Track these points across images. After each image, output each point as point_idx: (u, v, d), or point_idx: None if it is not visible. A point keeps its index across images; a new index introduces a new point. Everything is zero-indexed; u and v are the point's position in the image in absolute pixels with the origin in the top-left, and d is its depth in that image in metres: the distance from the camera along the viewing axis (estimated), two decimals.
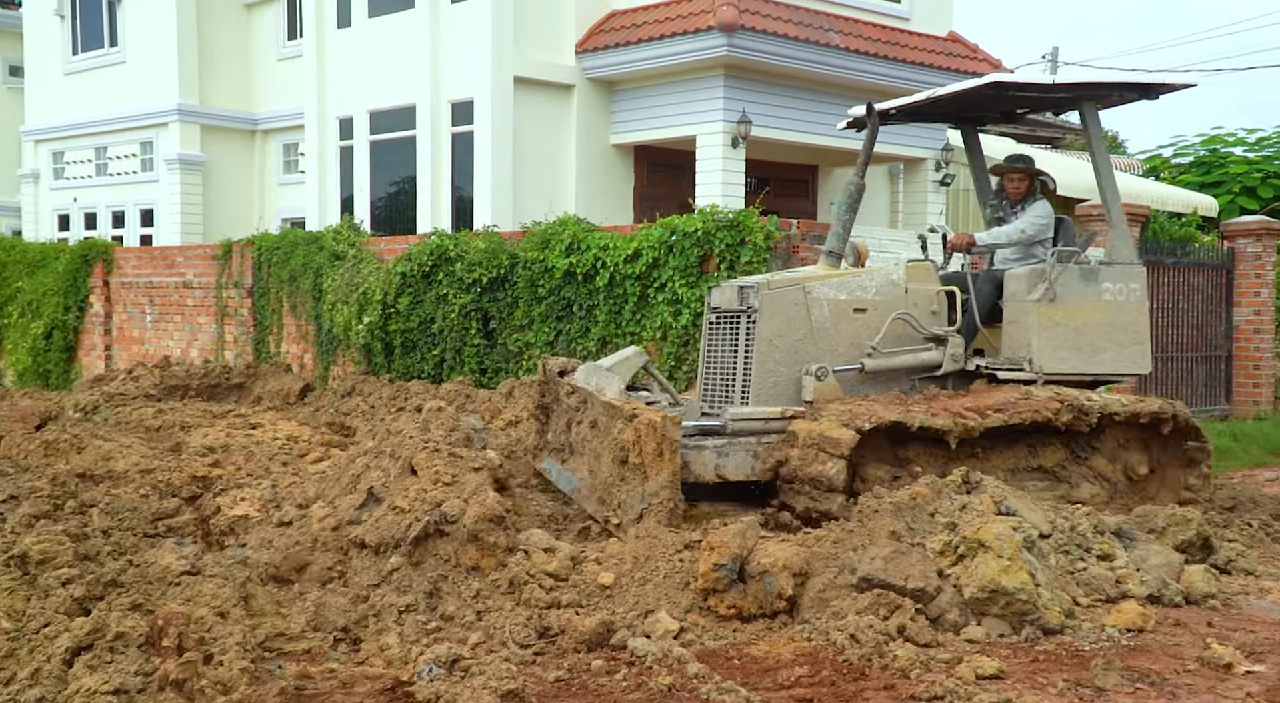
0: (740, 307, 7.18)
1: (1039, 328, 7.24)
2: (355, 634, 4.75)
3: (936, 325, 7.36)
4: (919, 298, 7.37)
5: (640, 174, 15.34)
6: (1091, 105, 7.57)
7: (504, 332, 11.56)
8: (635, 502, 5.89)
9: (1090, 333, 7.34)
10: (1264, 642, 4.74)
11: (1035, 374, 7.23)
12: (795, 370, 7.03)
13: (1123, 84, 7.64)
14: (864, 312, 7.24)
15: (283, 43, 18.80)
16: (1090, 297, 7.36)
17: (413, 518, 5.23)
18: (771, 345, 7.04)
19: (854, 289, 7.26)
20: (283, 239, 14.33)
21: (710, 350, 7.45)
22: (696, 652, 4.54)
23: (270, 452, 8.56)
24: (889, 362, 7.22)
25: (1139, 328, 7.47)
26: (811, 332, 7.10)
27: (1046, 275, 7.29)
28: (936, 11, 15.86)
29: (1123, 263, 7.51)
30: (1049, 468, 7.01)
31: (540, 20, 14.41)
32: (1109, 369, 7.46)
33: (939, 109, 8.39)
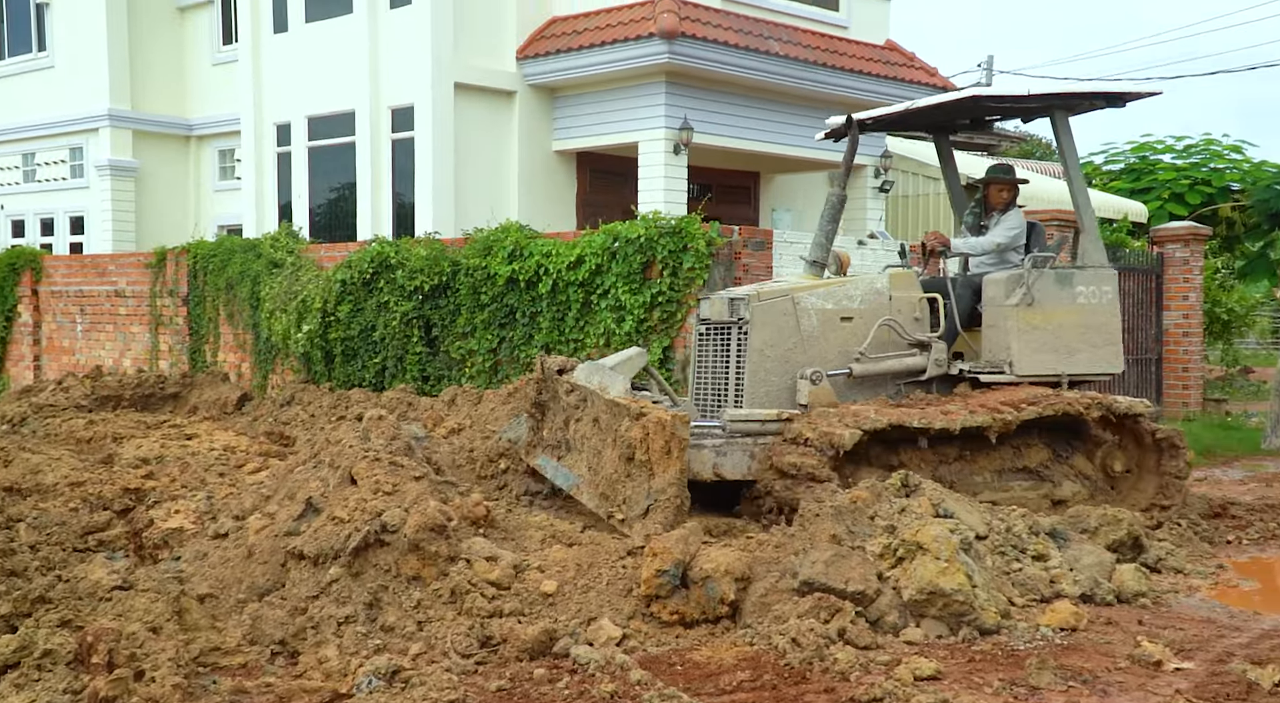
0: (731, 318, 7.37)
1: (1018, 331, 7.45)
2: (293, 647, 4.68)
3: (919, 331, 7.57)
4: (902, 305, 7.59)
5: (583, 180, 15.34)
6: (1063, 114, 7.78)
7: (446, 339, 11.48)
8: (641, 498, 5.98)
9: (1066, 335, 7.56)
10: (1192, 639, 4.86)
11: (1015, 376, 7.43)
12: (786, 378, 7.25)
13: (1092, 93, 7.85)
14: (850, 320, 7.46)
15: (217, 47, 18.52)
16: (1065, 300, 7.58)
17: (352, 528, 5.17)
18: (763, 355, 7.25)
19: (840, 298, 7.49)
20: (219, 246, 14.11)
21: (701, 360, 7.64)
22: (639, 659, 4.54)
23: (206, 463, 8.42)
24: (876, 366, 7.42)
25: (1112, 329, 7.72)
26: (801, 340, 7.33)
27: (1024, 280, 7.50)
28: (874, 20, 16.06)
29: (1094, 266, 7.73)
30: (1033, 468, 7.22)
31: (481, 26, 14.35)
32: (1084, 370, 7.67)
33: (917, 119, 8.61)
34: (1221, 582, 6.09)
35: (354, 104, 14.84)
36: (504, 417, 9.68)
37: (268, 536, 5.41)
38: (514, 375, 10.91)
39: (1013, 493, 7.09)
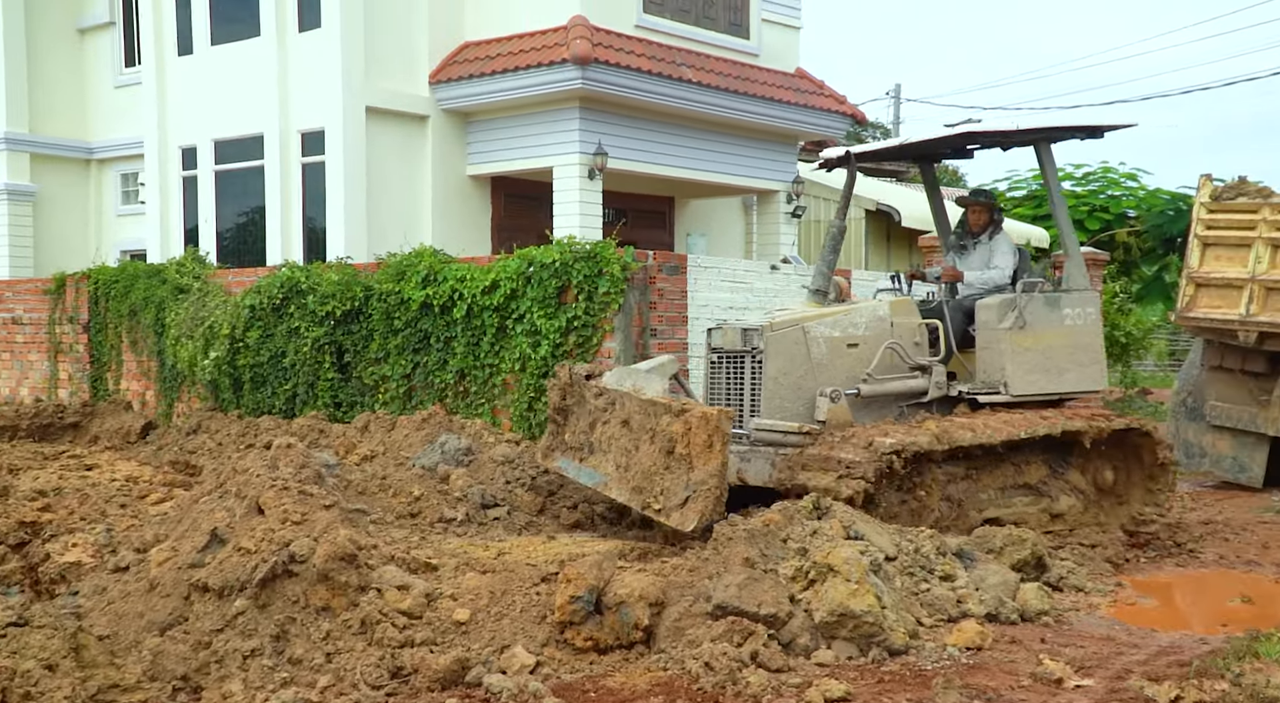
0: (745, 347, 7.69)
1: (1011, 353, 7.76)
2: (196, 683, 4.55)
3: (920, 355, 7.88)
4: (903, 331, 7.90)
5: (498, 205, 15.31)
6: (1046, 146, 8.13)
7: (359, 365, 11.33)
8: (680, 489, 6.46)
9: (1056, 355, 7.90)
10: (1092, 656, 4.99)
11: (1010, 396, 7.74)
12: (798, 403, 7.57)
13: (1073, 127, 8.16)
14: (856, 346, 7.78)
15: (120, 69, 18.10)
16: (1054, 322, 7.91)
17: (259, 559, 5.06)
18: (778, 382, 7.57)
19: (846, 326, 7.81)
20: (121, 272, 13.76)
21: (714, 387, 7.96)
22: (553, 686, 4.52)
23: (107, 494, 8.17)
24: (882, 388, 7.73)
25: (1095, 348, 8.09)
26: (812, 367, 7.64)
27: (1016, 304, 7.80)
28: (783, 49, 16.36)
29: (1079, 289, 8.06)
30: (1033, 484, 7.53)
31: (392, 50, 14.27)
32: (1072, 387, 8.02)
33: (911, 152, 9.05)
34: (1121, 600, 6.27)
35: (263, 127, 14.62)
36: (418, 443, 9.57)
37: (170, 568, 5.26)
38: (428, 401, 10.81)
39: (1015, 508, 7.43)
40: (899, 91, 34.52)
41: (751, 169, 15.98)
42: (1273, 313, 9.82)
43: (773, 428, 7.33)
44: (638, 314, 9.90)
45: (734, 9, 15.56)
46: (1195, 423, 10.70)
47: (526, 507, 8.28)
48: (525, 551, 6.77)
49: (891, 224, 18.44)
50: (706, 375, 8.04)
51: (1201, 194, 10.50)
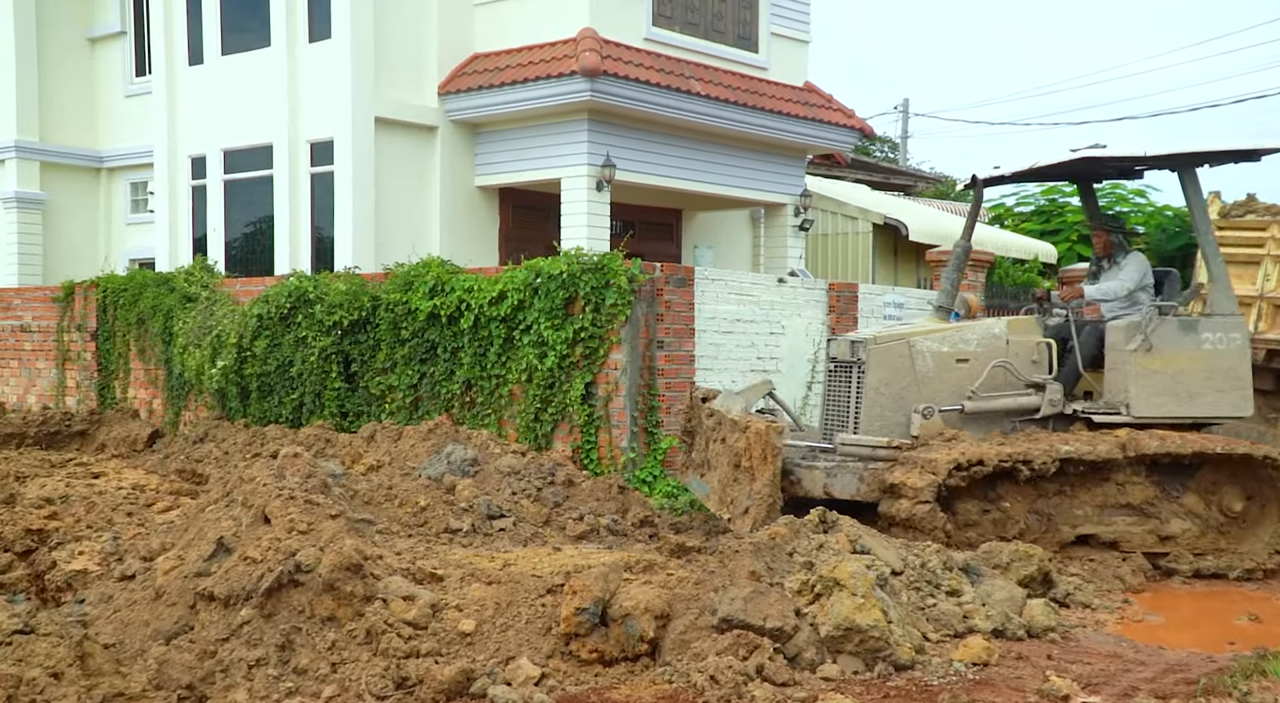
0: (852, 358, 8.03)
1: (1136, 375, 7.80)
2: (201, 692, 4.55)
3: (1036, 373, 8.00)
4: (1020, 349, 8.08)
5: (505, 216, 15.34)
6: (1191, 171, 8.10)
7: (366, 375, 11.35)
8: (744, 499, 6.96)
9: (1188, 379, 7.85)
10: (1099, 673, 4.97)
11: (1132, 418, 7.75)
12: (900, 414, 7.85)
13: (1227, 152, 8.05)
14: (966, 361, 7.98)
15: (130, 79, 18.18)
16: (1188, 346, 7.90)
17: (265, 568, 5.06)
18: (879, 392, 7.87)
19: (956, 342, 8.04)
20: (130, 280, 13.81)
21: (829, 396, 8.30)
22: (557, 698, 4.51)
23: (114, 502, 8.18)
24: (988, 404, 7.91)
25: (1240, 374, 7.98)
26: (916, 380, 7.91)
27: (1143, 327, 7.84)
28: (792, 62, 16.40)
29: (1223, 314, 8.05)
30: (1137, 505, 7.51)
31: (401, 61, 14.33)
32: (1208, 413, 7.96)
33: (1038, 175, 9.28)
34: (1127, 616, 6.25)
35: (272, 137, 14.68)
36: (424, 453, 9.59)
37: (177, 576, 5.27)
38: (434, 411, 10.82)
39: (1115, 528, 7.44)
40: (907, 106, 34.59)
41: (759, 182, 15.99)
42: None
43: (860, 443, 7.63)
44: (645, 326, 9.91)
45: (743, 23, 15.60)
46: None
47: (532, 518, 8.28)
48: (531, 562, 6.77)
49: (899, 238, 18.44)
50: (825, 384, 8.47)
51: (1210, 211, 10.49)
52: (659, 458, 9.84)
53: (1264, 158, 8.06)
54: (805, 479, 7.45)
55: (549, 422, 10.15)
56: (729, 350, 10.67)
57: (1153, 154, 7.89)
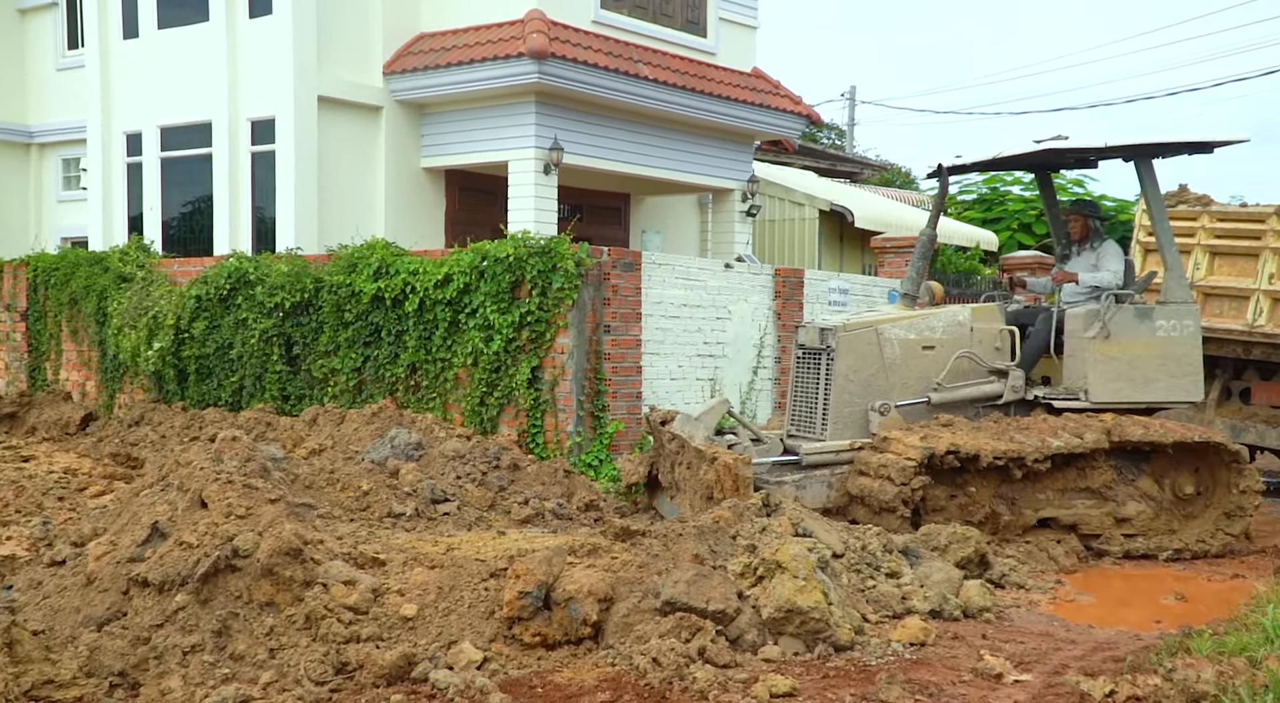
0: (821, 345, 8.05)
1: (1094, 362, 7.94)
2: (134, 679, 4.48)
3: (999, 360, 8.12)
4: (983, 336, 8.20)
5: (452, 198, 15.20)
6: (1148, 162, 8.24)
7: (308, 357, 11.21)
8: None
9: (1143, 365, 8.01)
10: (1032, 652, 5.07)
11: (1090, 403, 7.89)
12: (869, 401, 7.91)
13: (1181, 143, 8.19)
14: (932, 348, 8.09)
15: (62, 52, 17.70)
16: (1144, 333, 8.04)
17: (201, 553, 4.99)
18: (847, 380, 7.92)
19: (923, 329, 8.13)
20: (62, 259, 13.50)
21: (797, 383, 8.34)
22: (500, 682, 4.50)
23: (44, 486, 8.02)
24: (953, 395, 8.03)
25: (1192, 360, 8.16)
26: (884, 367, 7.98)
27: (1101, 315, 7.97)
28: (740, 48, 16.41)
29: (1177, 302, 8.18)
30: (1096, 488, 7.64)
31: (345, 39, 14.11)
32: (1162, 398, 8.12)
33: (1001, 165, 9.33)
34: (1060, 596, 6.38)
35: (211, 115, 14.40)
36: (367, 437, 9.50)
37: (109, 562, 5.17)
38: (378, 395, 10.73)
39: (1075, 511, 7.56)
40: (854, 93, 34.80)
41: (707, 167, 16.02)
42: (1210, 318, 10.04)
43: (824, 450, 7.72)
44: (592, 310, 9.89)
45: (691, 7, 15.58)
46: None
47: (477, 502, 8.25)
48: (475, 546, 6.75)
49: (845, 224, 18.58)
50: (792, 373, 8.46)
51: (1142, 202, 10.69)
52: (605, 442, 9.84)
53: (1216, 150, 8.23)
54: (776, 496, 7.36)
55: (495, 406, 10.11)
56: (676, 335, 10.69)
57: (1113, 145, 8.01)
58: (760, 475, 7.58)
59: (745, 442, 8.01)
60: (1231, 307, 10.02)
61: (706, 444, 7.44)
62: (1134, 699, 4.28)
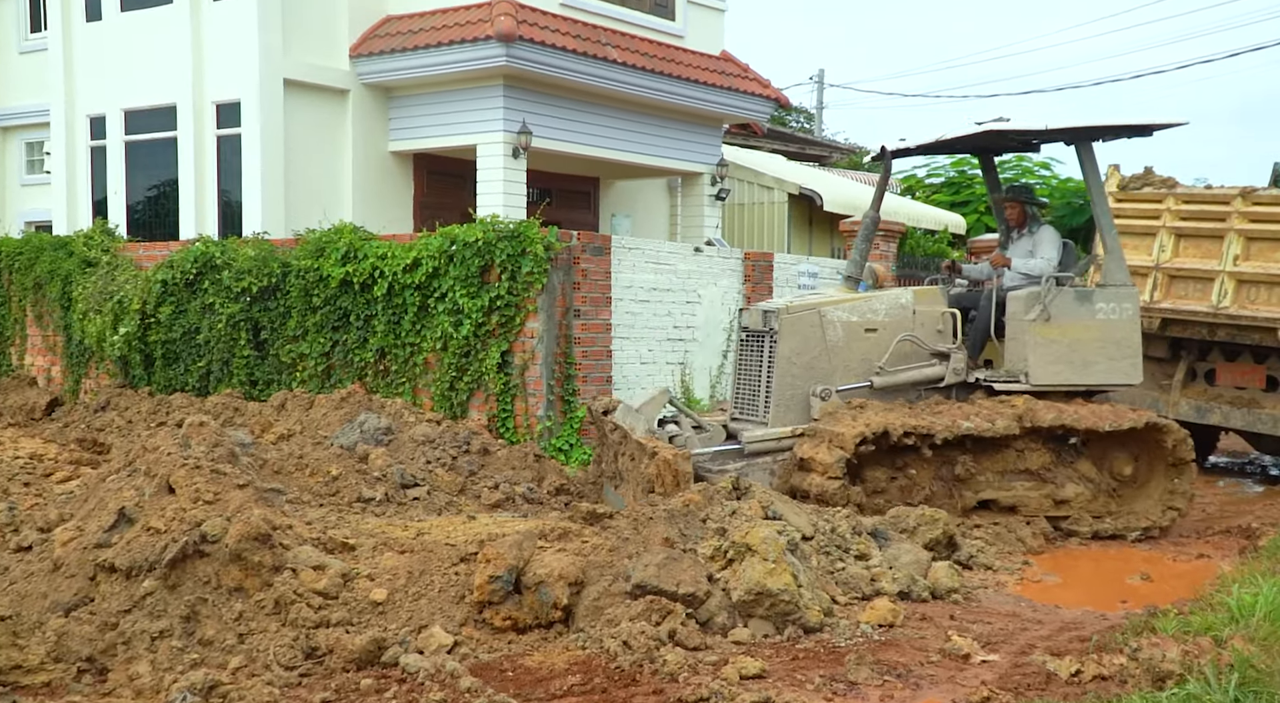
0: (764, 327, 8.00)
1: (1034, 344, 7.96)
2: (102, 664, 4.45)
3: (941, 342, 8.12)
4: (926, 318, 8.20)
5: (420, 182, 15.10)
6: (1088, 145, 8.25)
7: (276, 342, 11.13)
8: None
9: (1083, 348, 8.04)
10: (999, 632, 5.13)
11: (1030, 386, 7.91)
12: (809, 384, 7.88)
13: (1122, 126, 8.19)
14: (875, 331, 8.07)
15: (25, 35, 17.41)
16: (1084, 316, 8.07)
17: (169, 539, 4.95)
18: (790, 362, 7.87)
19: (865, 312, 8.09)
20: (26, 244, 13.32)
21: (741, 366, 8.29)
22: (470, 666, 4.51)
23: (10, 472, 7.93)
24: (895, 379, 8.00)
25: (1132, 343, 8.19)
26: (826, 350, 7.94)
27: (1042, 298, 7.99)
28: (709, 31, 16.37)
29: (1117, 285, 8.21)
30: (1035, 470, 7.69)
31: (311, 22, 13.96)
32: (1101, 380, 8.14)
33: (944, 149, 9.26)
34: (1027, 577, 6.45)
35: (175, 98, 14.22)
36: (336, 422, 9.45)
37: (76, 547, 5.12)
38: (347, 380, 10.67)
39: (1014, 493, 7.61)
40: (822, 77, 34.86)
41: (676, 151, 16.00)
42: (1175, 300, 10.15)
43: (765, 438, 7.66)
44: (561, 295, 9.87)
45: None
46: None
47: (447, 486, 8.23)
48: (445, 530, 6.74)
49: (814, 208, 18.62)
50: (736, 355, 8.42)
51: (1109, 184, 10.78)
52: (575, 426, 9.84)
53: (1156, 133, 8.30)
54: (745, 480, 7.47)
55: (464, 390, 10.08)
56: (645, 319, 10.69)
57: (1053, 127, 8.05)
58: (702, 465, 7.50)
59: (687, 431, 7.88)
60: (1197, 288, 10.13)
61: (647, 437, 7.36)
62: (1099, 679, 4.34)
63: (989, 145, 8.98)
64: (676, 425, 7.97)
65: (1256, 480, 10.41)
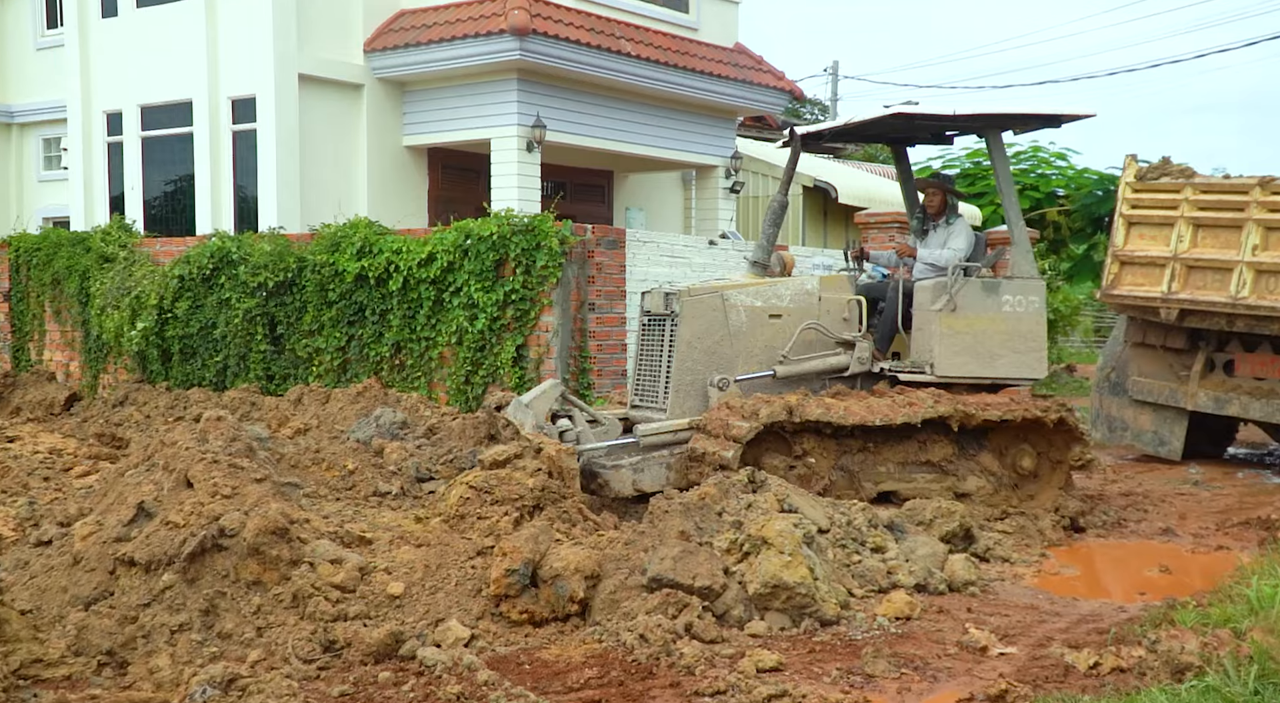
0: (665, 311, 7.73)
1: (940, 335, 7.81)
2: (122, 657, 4.48)
3: (846, 331, 7.94)
4: (831, 306, 7.99)
5: (434, 177, 15.13)
6: (997, 133, 8.13)
7: (292, 337, 11.17)
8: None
9: (989, 341, 7.92)
10: (1016, 625, 5.11)
11: (935, 377, 7.77)
12: (711, 370, 7.61)
13: (1030, 116, 8.07)
14: (779, 317, 7.84)
15: (41, 32, 17.51)
16: (990, 308, 7.93)
17: (188, 533, 4.98)
18: (691, 347, 7.61)
19: (770, 297, 7.86)
20: (44, 240, 13.40)
21: (641, 351, 8.00)
22: (487, 659, 4.52)
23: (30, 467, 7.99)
24: (799, 367, 7.78)
25: (1036, 336, 8.07)
26: (729, 335, 7.69)
27: (948, 288, 7.84)
28: (723, 23, 16.34)
29: (1023, 277, 8.09)
30: (936, 462, 7.54)
31: (326, 17, 13.99)
32: (1006, 374, 8.00)
33: (853, 133, 8.89)
34: (1045, 570, 6.43)
35: (191, 93, 14.27)
36: (352, 416, 9.48)
37: (95, 542, 5.16)
38: (363, 374, 10.70)
39: (915, 485, 7.49)
40: (837, 68, 34.70)
41: (690, 144, 15.98)
42: (1193, 290, 10.07)
43: (661, 430, 7.38)
44: (576, 288, 9.88)
45: None
46: (1118, 398, 10.97)
47: None
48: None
49: (828, 200, 18.57)
50: (638, 340, 8.08)
51: (1127, 174, 10.70)
52: None
53: (1065, 124, 8.15)
54: (613, 481, 7.14)
55: (480, 384, 10.10)
56: None
57: (960, 114, 7.88)
58: (597, 460, 7.27)
59: (581, 425, 7.53)
60: (1215, 279, 10.04)
61: (534, 433, 6.97)
62: (1118, 671, 4.32)
63: (901, 134, 8.79)
64: (570, 420, 7.56)
65: (1276, 472, 10.34)
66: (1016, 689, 4.16)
